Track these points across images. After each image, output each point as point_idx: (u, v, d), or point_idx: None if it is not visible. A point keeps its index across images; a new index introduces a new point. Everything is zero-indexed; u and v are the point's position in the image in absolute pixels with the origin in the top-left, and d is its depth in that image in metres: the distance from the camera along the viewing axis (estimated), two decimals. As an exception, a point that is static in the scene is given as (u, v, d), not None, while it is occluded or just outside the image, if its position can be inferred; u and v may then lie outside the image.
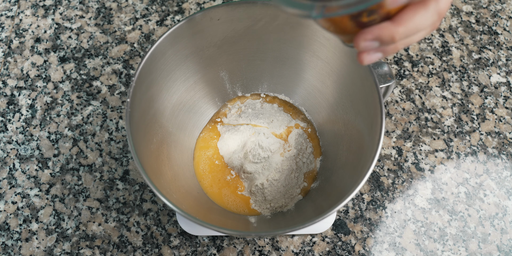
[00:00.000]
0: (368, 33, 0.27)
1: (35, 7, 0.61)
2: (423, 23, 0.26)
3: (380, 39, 0.26)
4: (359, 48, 0.27)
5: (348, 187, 0.38)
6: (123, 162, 0.52)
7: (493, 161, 0.52)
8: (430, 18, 0.26)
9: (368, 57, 0.28)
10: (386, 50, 0.28)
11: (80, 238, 0.49)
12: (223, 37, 0.45)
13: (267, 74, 0.51)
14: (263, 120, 0.51)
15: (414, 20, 0.26)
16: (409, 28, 0.26)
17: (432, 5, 0.26)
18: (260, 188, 0.47)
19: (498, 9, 0.60)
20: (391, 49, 0.28)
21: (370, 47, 0.27)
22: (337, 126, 0.47)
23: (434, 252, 0.48)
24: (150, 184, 0.36)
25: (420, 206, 0.50)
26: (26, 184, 0.51)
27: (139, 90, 0.40)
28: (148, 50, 0.40)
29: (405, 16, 0.26)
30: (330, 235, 0.49)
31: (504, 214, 0.50)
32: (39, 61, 0.58)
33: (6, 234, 0.49)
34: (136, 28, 0.59)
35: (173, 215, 0.50)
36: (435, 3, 0.26)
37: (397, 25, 0.26)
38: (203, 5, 0.60)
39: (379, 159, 0.52)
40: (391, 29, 0.26)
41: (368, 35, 0.27)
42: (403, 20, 0.26)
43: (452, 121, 0.54)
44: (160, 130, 0.45)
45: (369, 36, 0.27)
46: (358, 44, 0.27)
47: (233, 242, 0.49)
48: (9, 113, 0.55)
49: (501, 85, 0.56)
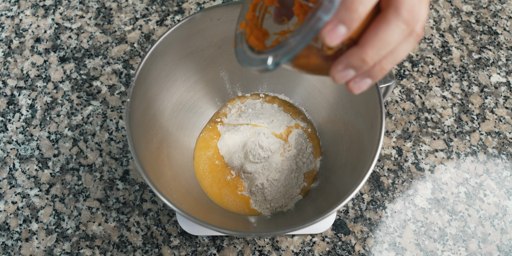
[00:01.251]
0: (338, 63, 0.26)
1: (35, 7, 0.61)
2: (391, 37, 0.25)
3: (352, 65, 0.25)
4: (335, 80, 0.26)
5: (348, 187, 0.38)
6: (123, 162, 0.52)
7: (493, 161, 0.52)
8: (397, 30, 0.25)
9: (356, 85, 0.27)
10: (371, 74, 0.27)
11: (80, 238, 0.49)
12: (223, 37, 0.45)
13: (267, 74, 0.51)
14: (263, 120, 0.51)
15: (378, 37, 0.25)
16: (378, 47, 0.25)
17: (392, 17, 0.24)
18: (260, 188, 0.47)
19: (498, 9, 0.60)
20: (376, 72, 0.26)
21: (347, 76, 0.26)
22: (337, 126, 0.47)
23: (434, 252, 0.48)
24: (150, 184, 0.36)
25: (420, 206, 0.50)
26: (26, 184, 0.51)
27: (139, 90, 0.40)
28: (148, 50, 0.40)
29: (368, 36, 0.25)
30: (330, 235, 0.49)
31: (504, 214, 0.50)
32: (39, 61, 0.58)
33: (6, 234, 0.49)
34: (136, 28, 0.59)
35: (173, 215, 0.50)
36: (395, 14, 0.24)
37: (363, 48, 0.25)
38: (203, 5, 0.60)
39: (379, 159, 0.52)
40: (358, 53, 0.25)
41: (339, 66, 0.26)
42: (367, 41, 0.25)
43: (452, 121, 0.54)
44: (160, 130, 0.45)
45: (339, 67, 0.26)
46: (334, 76, 0.26)
47: (233, 242, 0.49)
48: (9, 113, 0.55)
49: (501, 85, 0.56)
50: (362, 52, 0.25)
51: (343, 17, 0.23)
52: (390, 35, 0.25)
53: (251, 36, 0.29)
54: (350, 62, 0.25)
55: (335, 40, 0.23)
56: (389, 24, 0.24)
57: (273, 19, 0.30)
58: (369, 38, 0.25)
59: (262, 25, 0.30)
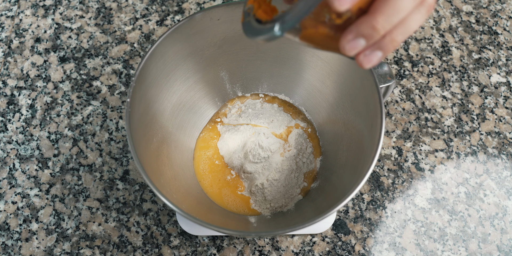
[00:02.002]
0: (348, 33, 0.25)
1: (35, 7, 0.61)
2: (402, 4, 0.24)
3: (362, 34, 0.24)
4: (345, 51, 0.25)
5: (348, 187, 0.38)
6: (123, 162, 0.52)
7: (493, 161, 0.52)
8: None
9: (366, 59, 0.26)
10: (382, 46, 0.26)
11: (80, 238, 0.49)
12: (223, 37, 0.45)
13: (267, 74, 0.51)
14: (263, 120, 0.51)
15: (389, 4, 0.24)
16: (388, 14, 0.24)
17: None
18: (260, 188, 0.47)
19: (498, 9, 0.60)
20: (386, 44, 0.26)
21: (358, 47, 0.25)
22: (337, 126, 0.47)
23: (434, 252, 0.48)
24: (150, 184, 0.36)
25: (420, 206, 0.50)
26: (26, 184, 0.51)
27: (139, 90, 0.40)
28: (148, 50, 0.40)
29: (378, 3, 0.24)
30: (330, 235, 0.49)
31: (504, 214, 0.50)
32: (39, 61, 0.58)
33: (6, 234, 0.49)
34: (136, 28, 0.59)
35: (173, 215, 0.50)
36: None
37: (373, 15, 0.24)
38: (203, 5, 0.60)
39: (379, 159, 0.52)
40: (368, 21, 0.24)
41: (349, 35, 0.25)
42: (377, 8, 0.24)
43: (452, 121, 0.54)
44: (160, 130, 0.45)
45: (349, 36, 0.25)
46: (344, 47, 0.25)
47: (233, 242, 0.49)
48: (9, 113, 0.55)
49: (501, 85, 0.56)
50: (372, 19, 0.24)
51: None
52: (401, 2, 0.24)
53: (259, 10, 0.29)
54: (360, 30, 0.24)
55: (344, 3, 0.23)
56: None
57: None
58: (379, 5, 0.24)
59: (271, 2, 0.30)
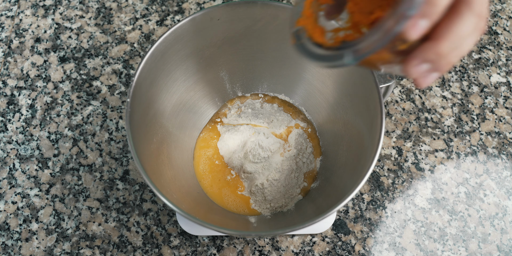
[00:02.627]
0: (413, 58, 0.26)
1: (35, 7, 0.61)
2: (464, 31, 0.25)
3: (427, 60, 0.26)
4: (413, 76, 0.27)
5: (348, 187, 0.38)
6: (123, 162, 0.52)
7: (493, 161, 0.52)
8: (470, 23, 0.25)
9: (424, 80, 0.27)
10: (439, 68, 0.27)
11: (80, 238, 0.49)
12: (223, 37, 0.45)
13: (267, 74, 0.51)
14: (263, 120, 0.51)
15: (453, 31, 0.25)
16: (452, 40, 0.25)
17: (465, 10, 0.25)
18: (260, 188, 0.47)
19: (498, 9, 0.60)
20: (443, 66, 0.27)
21: (422, 71, 0.27)
22: (337, 126, 0.47)
23: (434, 252, 0.48)
24: (150, 184, 0.36)
25: (420, 206, 0.50)
26: (26, 184, 0.51)
27: (139, 90, 0.40)
28: (148, 50, 0.40)
29: (442, 30, 0.25)
30: (330, 235, 0.49)
31: (504, 214, 0.50)
32: (39, 61, 0.58)
33: (6, 234, 0.49)
34: (136, 28, 0.59)
35: (173, 215, 0.50)
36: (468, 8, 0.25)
37: (438, 42, 0.25)
38: (203, 5, 0.60)
39: (379, 159, 0.52)
40: (434, 48, 0.25)
41: (415, 61, 0.26)
42: (441, 34, 0.25)
43: (452, 121, 0.54)
44: (160, 130, 0.45)
45: (415, 61, 0.26)
46: (411, 73, 0.27)
47: (233, 242, 0.49)
48: (9, 113, 0.55)
49: (501, 85, 0.56)
50: (437, 46, 0.25)
51: (425, 11, 0.24)
52: (464, 29, 0.25)
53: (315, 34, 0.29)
54: (426, 56, 0.26)
55: (416, 33, 0.24)
56: (463, 17, 0.25)
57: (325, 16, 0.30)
58: (443, 32, 0.25)
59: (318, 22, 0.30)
